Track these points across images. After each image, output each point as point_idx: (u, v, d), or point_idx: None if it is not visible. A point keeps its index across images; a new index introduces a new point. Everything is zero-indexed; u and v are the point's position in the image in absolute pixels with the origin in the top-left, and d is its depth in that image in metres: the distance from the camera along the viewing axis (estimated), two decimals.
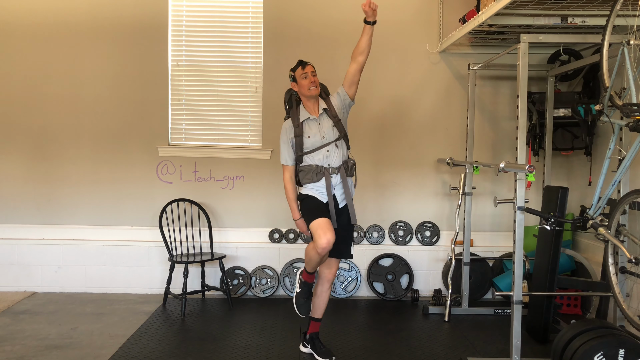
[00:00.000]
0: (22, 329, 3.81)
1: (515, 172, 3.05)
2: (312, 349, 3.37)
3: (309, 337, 3.41)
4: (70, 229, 4.78)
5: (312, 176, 3.21)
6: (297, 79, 3.23)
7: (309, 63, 3.26)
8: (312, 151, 3.22)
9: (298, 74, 3.22)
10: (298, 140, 3.22)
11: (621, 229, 2.88)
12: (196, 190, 4.81)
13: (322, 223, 3.07)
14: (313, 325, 3.41)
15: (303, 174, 3.25)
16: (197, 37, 4.80)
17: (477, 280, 4.59)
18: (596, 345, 2.76)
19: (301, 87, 3.23)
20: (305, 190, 3.27)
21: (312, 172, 3.20)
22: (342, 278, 4.72)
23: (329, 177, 3.21)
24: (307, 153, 3.23)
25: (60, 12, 4.72)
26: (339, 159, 3.25)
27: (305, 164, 3.25)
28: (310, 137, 3.21)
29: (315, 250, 3.07)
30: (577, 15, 3.52)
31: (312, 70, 3.23)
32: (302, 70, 3.21)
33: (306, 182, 3.24)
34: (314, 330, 3.41)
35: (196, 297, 4.60)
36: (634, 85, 2.74)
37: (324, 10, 4.75)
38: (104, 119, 4.78)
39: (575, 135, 4.30)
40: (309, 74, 3.20)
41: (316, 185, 3.23)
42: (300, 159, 3.27)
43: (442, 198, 4.85)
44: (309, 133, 3.22)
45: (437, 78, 4.80)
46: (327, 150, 3.22)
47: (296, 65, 3.25)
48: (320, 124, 3.25)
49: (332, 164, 3.23)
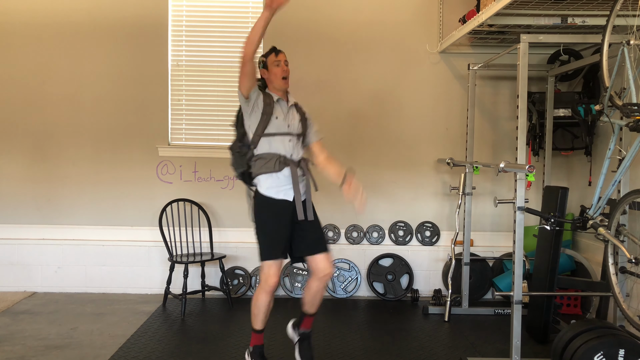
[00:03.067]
0: (22, 329, 3.81)
1: (515, 172, 3.05)
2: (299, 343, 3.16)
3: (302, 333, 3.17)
4: (70, 229, 4.78)
5: (274, 165, 2.89)
6: (269, 66, 2.98)
7: (282, 51, 3.02)
8: (274, 134, 2.92)
9: (270, 61, 2.97)
10: (264, 117, 2.90)
11: (621, 229, 2.88)
12: (196, 190, 4.81)
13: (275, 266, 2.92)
14: (306, 322, 3.16)
15: (261, 162, 2.91)
16: (197, 37, 4.80)
17: (477, 280, 4.59)
18: (596, 345, 2.76)
19: (273, 75, 2.97)
20: (263, 190, 2.94)
21: (274, 160, 2.89)
22: (342, 278, 4.72)
23: (295, 168, 2.93)
24: (268, 135, 2.92)
25: (60, 12, 4.72)
26: (298, 153, 3.02)
27: (265, 152, 2.93)
28: (278, 119, 2.93)
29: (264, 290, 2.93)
30: (577, 15, 3.52)
31: (285, 59, 3.00)
32: (276, 57, 2.97)
33: (264, 172, 2.91)
34: (307, 328, 3.17)
35: (196, 297, 4.60)
36: (634, 85, 2.74)
37: (324, 10, 4.75)
38: (104, 119, 4.78)
39: (575, 135, 4.30)
40: (282, 62, 2.97)
41: (276, 177, 2.92)
42: (256, 143, 2.94)
43: (442, 198, 4.85)
44: (278, 114, 2.94)
45: (437, 78, 4.80)
46: (290, 141, 2.97)
47: (269, 51, 3.01)
48: (289, 112, 3.01)
49: (294, 157, 2.98)
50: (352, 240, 4.81)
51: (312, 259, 3.02)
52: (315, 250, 3.00)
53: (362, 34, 4.75)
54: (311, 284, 3.06)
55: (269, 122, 2.92)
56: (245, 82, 2.87)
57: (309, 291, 3.07)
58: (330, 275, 3.04)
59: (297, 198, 2.94)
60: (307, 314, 3.14)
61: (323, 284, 3.04)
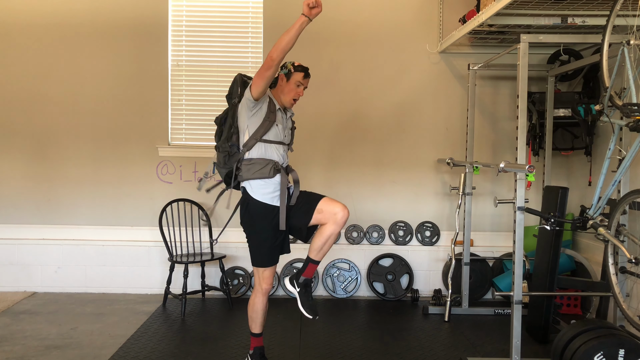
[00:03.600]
0: (22, 329, 3.81)
1: (515, 172, 3.05)
2: (300, 295, 2.97)
3: (303, 281, 2.99)
4: (70, 229, 4.78)
5: (268, 170, 2.86)
6: (291, 80, 2.95)
7: (310, 76, 3.02)
8: (271, 142, 2.91)
9: (295, 78, 2.95)
10: (266, 123, 2.87)
11: (621, 229, 2.88)
12: (196, 190, 4.80)
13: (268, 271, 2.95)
14: (310, 269, 2.97)
15: (255, 167, 2.88)
16: (197, 37, 4.80)
17: (477, 280, 4.59)
18: (596, 345, 2.76)
19: (287, 90, 2.96)
20: (258, 196, 2.89)
21: (268, 166, 2.87)
22: (342, 278, 4.72)
23: (285, 176, 2.93)
24: (265, 142, 2.89)
25: (60, 13, 4.72)
26: (286, 162, 3.04)
27: (259, 157, 2.89)
28: (278, 127, 2.93)
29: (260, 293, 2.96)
30: (577, 15, 3.52)
31: (307, 86, 3.01)
32: (302, 78, 2.96)
33: (258, 177, 2.87)
34: (309, 276, 2.99)
35: (196, 297, 4.60)
36: (634, 85, 2.74)
37: (324, 10, 4.69)
38: (104, 119, 4.78)
39: (575, 135, 4.30)
40: (302, 87, 2.98)
41: (270, 183, 2.89)
42: (251, 147, 2.90)
43: (442, 198, 4.85)
44: (279, 123, 2.94)
45: (437, 78, 4.80)
46: (283, 150, 2.99)
47: (302, 67, 2.98)
48: (287, 122, 3.04)
49: (284, 165, 3.00)
50: (352, 240, 4.81)
51: (318, 211, 2.89)
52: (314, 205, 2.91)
53: (362, 34, 4.75)
54: (325, 228, 2.88)
55: (270, 128, 2.89)
56: (261, 85, 2.78)
57: (321, 235, 2.89)
58: (346, 216, 2.88)
59: (282, 208, 2.90)
60: (312, 260, 2.95)
61: (339, 228, 2.88)
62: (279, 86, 3.00)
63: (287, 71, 2.96)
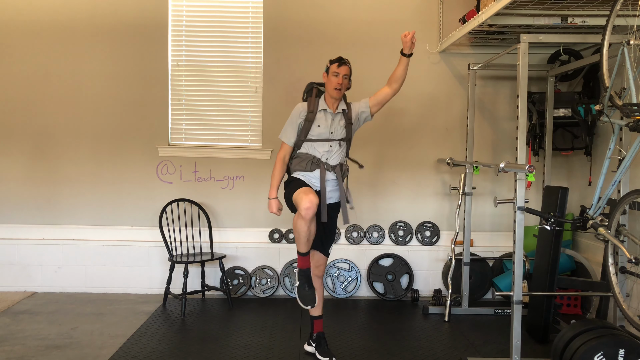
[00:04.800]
0: (22, 329, 3.81)
1: (515, 172, 3.05)
2: (316, 348, 3.36)
3: (316, 337, 3.38)
4: (70, 229, 4.78)
5: (306, 165, 3.19)
6: (329, 72, 3.24)
7: (346, 63, 3.24)
8: (315, 140, 3.21)
9: (332, 69, 3.23)
10: (306, 124, 3.21)
11: (621, 229, 2.88)
12: (196, 190, 4.81)
13: (304, 188, 3.08)
14: (317, 324, 3.39)
15: (297, 161, 3.23)
16: (197, 37, 4.80)
17: (477, 280, 4.59)
18: (596, 345, 2.76)
19: (328, 83, 3.25)
20: (296, 175, 3.25)
21: (307, 161, 3.19)
22: (342, 278, 4.72)
23: (324, 171, 3.19)
24: (310, 141, 3.22)
25: (60, 12, 4.72)
26: (337, 158, 3.26)
27: (303, 152, 3.24)
28: (319, 127, 3.22)
29: (300, 215, 3.02)
30: (577, 15, 3.52)
31: (345, 73, 3.22)
32: (337, 67, 3.22)
33: (298, 170, 3.23)
34: (319, 330, 3.38)
35: (196, 297, 4.60)
36: (634, 85, 2.74)
37: (324, 9, 4.75)
38: (104, 119, 4.78)
39: (575, 135, 4.30)
40: (340, 75, 3.21)
41: (308, 175, 3.21)
42: (300, 145, 3.25)
43: (442, 198, 4.85)
44: (320, 122, 3.22)
45: (437, 78, 4.80)
46: (330, 146, 3.23)
47: (336, 59, 3.25)
48: (334, 119, 3.27)
49: (330, 161, 3.23)
50: (352, 240, 4.81)
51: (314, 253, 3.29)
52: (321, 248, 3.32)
53: (362, 34, 4.75)
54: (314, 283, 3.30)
55: (310, 128, 3.21)
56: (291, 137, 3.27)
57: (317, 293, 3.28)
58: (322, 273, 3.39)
59: (323, 200, 3.15)
60: (316, 317, 3.39)
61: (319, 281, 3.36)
62: (325, 84, 3.31)
63: (326, 68, 3.29)
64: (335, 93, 3.24)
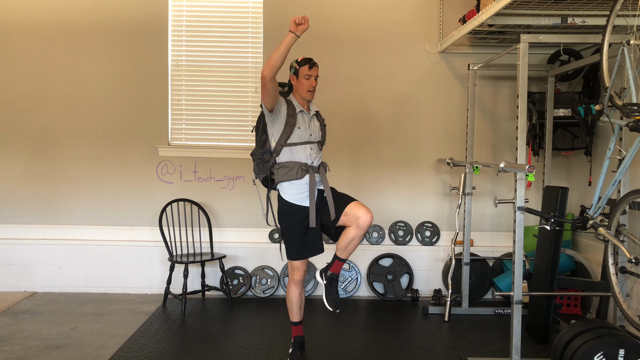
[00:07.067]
0: (22, 329, 3.81)
1: (515, 172, 3.05)
2: (325, 287, 3.13)
3: (329, 275, 3.13)
4: (70, 229, 4.78)
5: (296, 172, 3.05)
6: (300, 75, 3.11)
7: (317, 64, 3.15)
8: (296, 144, 3.09)
9: (302, 72, 3.10)
10: (287, 128, 3.05)
11: (621, 229, 2.88)
12: (196, 190, 4.81)
13: (299, 265, 3.16)
14: (337, 265, 3.11)
15: (284, 170, 3.08)
16: (197, 37, 4.80)
17: (477, 280, 4.59)
18: (596, 345, 2.76)
19: (300, 85, 3.12)
20: (287, 197, 3.11)
21: (296, 168, 3.06)
22: (342, 278, 4.72)
23: (313, 175, 3.10)
24: (291, 145, 3.08)
25: (60, 12, 4.72)
26: (318, 159, 3.20)
27: (287, 160, 3.09)
28: (300, 129, 3.09)
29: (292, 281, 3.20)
30: (577, 15, 3.52)
31: (317, 74, 3.14)
32: (309, 70, 3.10)
33: (287, 179, 3.07)
34: (335, 271, 3.12)
35: (196, 297, 4.60)
36: (634, 85, 2.74)
37: (324, 9, 4.74)
38: (104, 119, 4.78)
39: (575, 135, 4.30)
40: (313, 77, 3.11)
41: (297, 185, 3.08)
42: (279, 152, 3.09)
43: (442, 198, 4.85)
44: (300, 124, 3.10)
45: (437, 78, 4.80)
46: (311, 149, 3.14)
47: (304, 60, 3.13)
48: (311, 121, 3.19)
49: (314, 164, 3.16)
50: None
51: (345, 214, 3.02)
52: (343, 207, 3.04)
53: (362, 34, 4.75)
54: (349, 230, 3.02)
55: (292, 132, 3.07)
56: (268, 99, 2.99)
57: (346, 236, 3.02)
58: (369, 221, 2.97)
59: (312, 207, 3.08)
60: (339, 258, 3.10)
61: (362, 232, 3.00)
62: (294, 86, 3.17)
63: (293, 70, 3.15)
64: (309, 95, 3.13)
